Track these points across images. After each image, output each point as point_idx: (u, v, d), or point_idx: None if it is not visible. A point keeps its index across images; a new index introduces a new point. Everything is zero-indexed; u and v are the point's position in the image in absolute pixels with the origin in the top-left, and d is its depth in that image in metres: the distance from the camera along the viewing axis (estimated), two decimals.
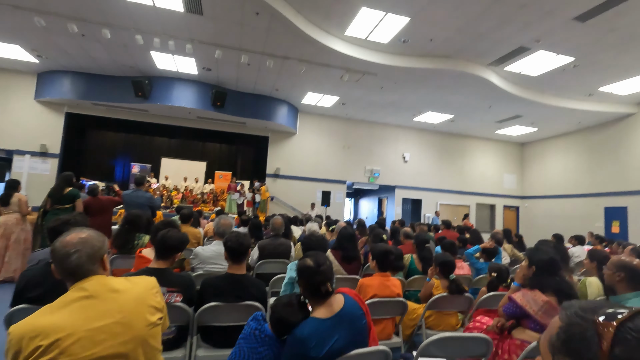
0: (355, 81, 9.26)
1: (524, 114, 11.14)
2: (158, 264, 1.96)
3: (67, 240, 1.20)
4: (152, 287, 1.32)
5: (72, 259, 1.16)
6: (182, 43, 7.64)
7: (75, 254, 1.16)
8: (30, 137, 10.10)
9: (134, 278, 1.31)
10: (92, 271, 1.19)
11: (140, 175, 4.79)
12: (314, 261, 1.44)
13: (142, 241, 3.35)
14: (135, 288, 1.24)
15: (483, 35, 7.07)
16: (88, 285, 1.15)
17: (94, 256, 1.20)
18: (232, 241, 1.99)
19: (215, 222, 2.89)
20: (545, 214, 13.62)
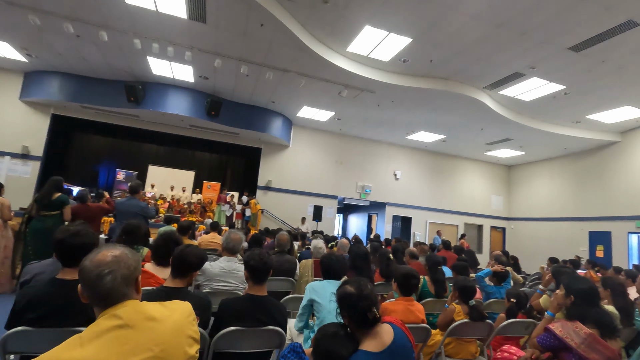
0: (352, 97, 9.29)
1: (514, 138, 11.42)
2: (174, 283, 1.80)
3: (100, 259, 1.04)
4: (188, 314, 1.17)
5: (105, 281, 1.00)
6: (182, 50, 7.52)
7: (109, 276, 1.01)
8: (11, 137, 9.65)
9: (169, 303, 1.15)
10: (127, 295, 1.04)
11: (136, 183, 4.57)
12: (356, 287, 1.33)
13: (140, 254, 3.14)
14: (172, 315, 1.09)
15: (481, 59, 7.24)
16: (122, 312, 0.99)
17: (130, 278, 1.05)
18: (255, 260, 1.85)
19: (225, 236, 2.72)
20: (531, 236, 13.85)
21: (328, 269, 2.34)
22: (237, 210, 11.58)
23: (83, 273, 1.02)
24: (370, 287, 1.36)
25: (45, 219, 4.33)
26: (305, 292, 2.21)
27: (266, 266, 1.87)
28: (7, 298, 4.19)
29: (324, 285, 2.22)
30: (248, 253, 1.92)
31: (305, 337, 2.16)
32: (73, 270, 1.68)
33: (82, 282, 1.04)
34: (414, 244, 6.14)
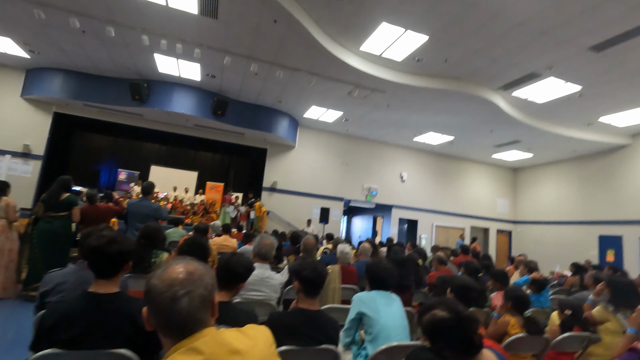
0: (362, 97, 9.13)
1: (523, 140, 11.27)
2: (220, 296, 1.60)
3: (172, 276, 0.83)
4: (270, 342, 0.97)
5: (181, 305, 0.80)
6: (191, 47, 7.32)
7: (186, 298, 0.80)
8: (12, 136, 9.40)
9: (248, 330, 0.94)
10: (205, 322, 0.83)
11: (148, 184, 4.36)
12: (449, 309, 1.13)
13: (159, 259, 2.94)
14: (256, 346, 0.88)
15: (497, 59, 7.09)
16: (202, 344, 0.78)
17: (208, 299, 0.85)
18: (308, 270, 1.65)
19: (257, 241, 2.52)
20: (537, 240, 13.70)
21: (376, 278, 2.14)
22: (242, 212, 11.36)
23: (152, 295, 0.82)
24: (462, 306, 1.16)
25: (52, 220, 4.12)
26: (353, 304, 2.02)
27: (321, 277, 1.67)
28: (13, 304, 3.96)
29: (372, 296, 2.03)
30: (299, 262, 1.72)
31: (354, 354, 1.97)
32: (108, 283, 1.48)
33: (150, 306, 0.83)
34: (433, 249, 5.96)
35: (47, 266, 4.00)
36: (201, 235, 3.86)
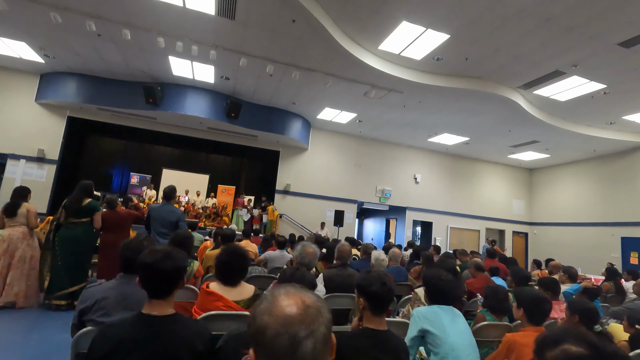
0: (378, 98, 8.97)
1: (541, 140, 11.01)
2: None
3: (286, 312, 0.65)
4: None
5: (304, 351, 0.63)
6: (206, 49, 7.22)
7: (309, 341, 0.63)
8: (27, 140, 9.39)
9: None
10: None
11: (170, 188, 4.23)
12: (585, 344, 0.91)
13: (191, 268, 2.80)
14: None
15: (520, 57, 6.88)
16: None
17: (329, 339, 0.69)
18: (376, 285, 1.48)
19: (299, 251, 2.37)
20: (555, 242, 13.38)
21: (439, 291, 1.97)
22: (255, 215, 11.24)
23: (264, 337, 0.65)
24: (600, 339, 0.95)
25: (74, 226, 4.01)
26: (413, 320, 1.85)
27: (391, 293, 1.51)
28: (35, 314, 3.85)
29: (435, 312, 1.86)
30: (363, 276, 1.56)
31: None
32: (163, 303, 1.34)
33: (260, 350, 0.67)
34: (460, 253, 5.75)
35: (69, 274, 3.91)
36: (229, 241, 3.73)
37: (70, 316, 3.87)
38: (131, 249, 1.84)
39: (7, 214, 3.90)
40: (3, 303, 3.71)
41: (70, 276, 3.90)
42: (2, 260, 3.77)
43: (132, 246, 1.85)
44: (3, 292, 3.73)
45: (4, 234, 3.88)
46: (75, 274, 3.94)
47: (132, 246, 1.85)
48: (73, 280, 3.92)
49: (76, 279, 3.95)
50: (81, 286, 4.01)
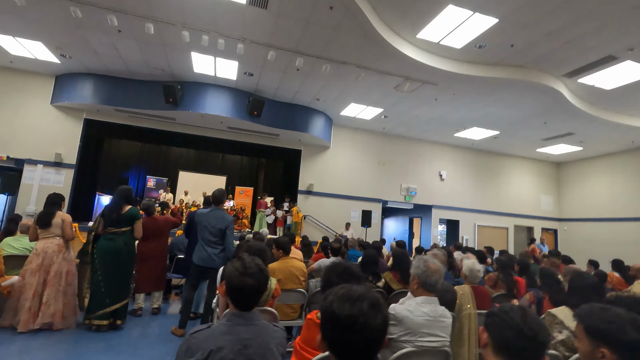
0: (410, 92, 8.51)
1: (577, 132, 10.48)
2: None
3: None
4: None
5: None
6: (233, 42, 6.81)
7: None
8: (44, 145, 9.05)
9: None
10: None
11: (220, 191, 3.81)
12: None
13: (270, 287, 2.37)
14: None
15: (573, 42, 6.37)
16: None
17: None
18: (634, 331, 1.03)
19: (418, 265, 1.92)
20: (588, 238, 12.81)
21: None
22: (278, 217, 10.84)
23: None
24: None
25: (114, 237, 3.61)
26: None
27: None
28: (73, 336, 3.45)
29: None
30: (601, 315, 1.12)
31: None
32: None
33: None
34: (522, 255, 5.29)
35: (110, 290, 3.50)
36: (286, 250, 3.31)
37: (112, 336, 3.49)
38: (250, 275, 1.41)
39: (41, 225, 3.50)
40: (40, 325, 3.31)
41: (112, 293, 3.50)
42: (37, 277, 3.37)
43: (250, 272, 1.42)
44: (39, 312, 3.34)
45: (37, 247, 3.48)
46: (117, 290, 3.53)
47: (251, 272, 1.41)
48: (115, 297, 3.52)
49: (118, 296, 3.54)
50: (124, 303, 3.61)
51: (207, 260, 3.65)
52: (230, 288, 1.38)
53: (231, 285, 1.38)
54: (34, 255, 3.45)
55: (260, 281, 1.41)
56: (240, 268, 1.41)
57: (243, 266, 1.42)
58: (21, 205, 8.72)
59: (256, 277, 1.41)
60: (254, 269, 1.43)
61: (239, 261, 1.48)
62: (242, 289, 1.37)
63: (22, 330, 3.25)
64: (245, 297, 1.39)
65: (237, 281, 1.37)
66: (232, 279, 1.38)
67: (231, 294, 1.39)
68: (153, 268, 4.22)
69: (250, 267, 1.43)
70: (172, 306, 5.03)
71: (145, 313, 4.32)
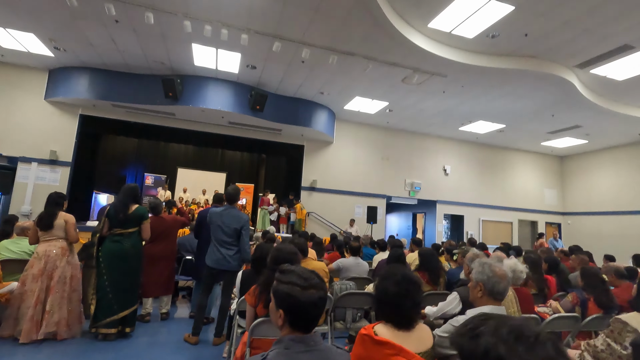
0: (417, 84, 8.27)
1: (585, 124, 10.33)
2: None
3: None
4: None
5: None
6: (237, 33, 6.51)
7: None
8: (38, 142, 8.71)
9: None
10: None
11: (233, 189, 3.56)
12: None
13: None
14: None
15: (590, 30, 6.17)
16: None
17: None
18: None
19: (484, 270, 1.70)
20: (592, 232, 12.74)
21: None
22: (281, 214, 10.60)
23: None
24: None
25: (121, 238, 3.35)
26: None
27: None
28: (79, 346, 3.20)
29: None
30: None
31: None
32: None
33: None
34: (570, 251, 5.10)
35: (118, 296, 3.26)
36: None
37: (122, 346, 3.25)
38: (314, 286, 1.17)
39: (42, 227, 3.23)
40: (43, 335, 3.05)
41: (120, 298, 3.25)
42: (39, 283, 3.10)
43: (313, 282, 1.18)
44: (42, 320, 3.08)
45: (39, 250, 3.21)
46: (125, 296, 3.28)
47: (314, 283, 1.18)
48: (123, 303, 3.27)
49: (127, 302, 3.29)
50: (133, 309, 3.36)
51: (221, 262, 3.41)
52: (294, 307, 1.15)
53: (296, 304, 1.14)
54: (35, 260, 3.18)
55: (325, 292, 1.19)
56: (299, 281, 1.18)
57: (301, 278, 1.19)
58: (16, 205, 8.39)
59: (320, 287, 1.19)
60: (315, 279, 1.20)
61: (289, 274, 1.24)
62: (313, 305, 1.14)
63: (24, 341, 2.99)
64: (312, 315, 1.16)
65: (304, 297, 1.14)
66: (295, 297, 1.14)
67: (294, 314, 1.16)
68: (161, 271, 3.97)
69: (311, 278, 1.20)
70: (180, 309, 4.79)
71: (152, 318, 4.07)
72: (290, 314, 1.15)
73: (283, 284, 1.19)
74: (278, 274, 1.26)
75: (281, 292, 1.17)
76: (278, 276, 1.25)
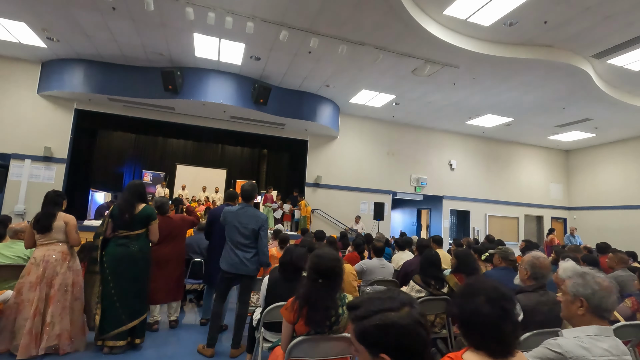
0: (428, 75, 7.98)
1: (595, 117, 10.12)
2: None
3: None
4: None
5: None
6: (243, 21, 6.17)
7: None
8: (32, 138, 8.31)
9: None
10: None
11: (251, 185, 3.25)
12: None
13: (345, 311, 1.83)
14: None
15: (612, 17, 5.90)
16: None
17: None
18: None
19: (588, 283, 1.43)
20: (598, 227, 12.58)
21: None
22: (285, 211, 10.30)
23: None
24: None
25: (127, 241, 3.03)
26: None
27: None
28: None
29: None
30: None
31: None
32: None
33: None
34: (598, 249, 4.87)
35: (126, 305, 2.95)
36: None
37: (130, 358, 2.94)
38: (407, 302, 0.88)
39: (40, 229, 2.90)
40: (44, 350, 2.74)
41: (128, 308, 2.94)
42: (37, 291, 2.78)
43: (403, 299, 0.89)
44: (43, 333, 2.76)
45: (36, 255, 2.88)
46: (134, 304, 2.98)
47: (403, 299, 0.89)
48: (132, 313, 2.96)
49: (136, 311, 2.98)
50: (142, 318, 3.06)
51: (238, 266, 3.11)
52: (402, 340, 0.85)
53: (403, 334, 0.85)
54: (32, 266, 2.85)
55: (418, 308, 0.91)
56: (386, 303, 0.89)
57: (382, 299, 0.90)
58: (8, 205, 8.01)
59: (410, 301, 0.91)
60: (398, 292, 0.92)
61: (366, 303, 0.95)
62: (418, 326, 0.86)
63: (22, 357, 2.67)
64: (423, 342, 0.87)
65: (406, 321, 0.85)
66: (397, 324, 0.85)
67: (404, 350, 0.86)
68: (169, 275, 3.65)
69: (394, 292, 0.91)
70: (188, 315, 4.49)
71: (160, 326, 3.77)
72: (398, 352, 0.85)
73: (368, 318, 0.90)
74: (352, 313, 0.96)
75: (374, 329, 0.87)
76: (355, 314, 0.95)
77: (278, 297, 2.35)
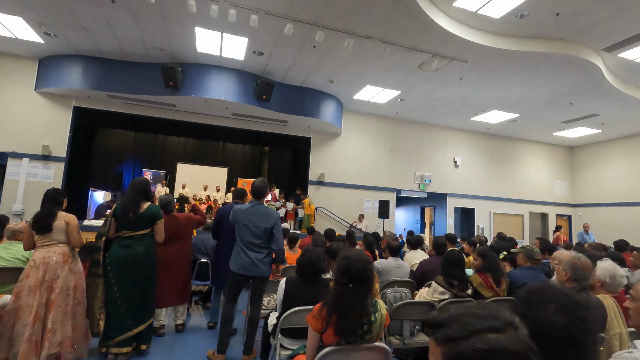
0: (434, 70, 7.81)
1: (603, 112, 9.97)
2: None
3: None
4: None
5: None
6: (246, 14, 5.98)
7: None
8: (29, 136, 8.12)
9: None
10: None
11: (262, 182, 3.08)
12: None
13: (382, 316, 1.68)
14: None
15: (626, 8, 5.74)
16: None
17: None
18: None
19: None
20: (604, 224, 12.44)
21: None
22: (289, 210, 10.13)
23: None
24: None
25: (132, 242, 2.86)
26: None
27: None
28: None
29: None
30: None
31: None
32: None
33: None
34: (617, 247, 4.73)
35: (131, 309, 2.78)
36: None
37: None
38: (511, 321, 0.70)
39: (39, 229, 2.73)
40: (45, 359, 2.56)
41: (134, 312, 2.78)
42: (37, 296, 2.61)
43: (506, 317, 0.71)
44: (43, 340, 2.58)
45: (36, 257, 2.71)
46: (140, 309, 2.81)
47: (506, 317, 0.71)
48: (138, 318, 2.80)
49: (142, 315, 2.82)
50: (148, 323, 2.89)
51: (249, 267, 2.94)
52: None
53: None
54: (31, 268, 2.68)
55: None
56: (485, 322, 0.70)
57: (481, 317, 0.72)
58: (6, 204, 7.82)
59: (513, 322, 0.72)
60: (496, 309, 0.74)
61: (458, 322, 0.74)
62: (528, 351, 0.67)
63: None
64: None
65: (514, 344, 0.67)
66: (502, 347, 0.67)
67: None
68: (176, 277, 3.48)
69: (494, 310, 0.73)
70: (194, 318, 4.33)
71: (167, 330, 3.60)
72: None
73: (464, 340, 0.70)
74: (439, 332, 0.75)
75: (475, 354, 0.68)
76: (445, 334, 0.74)
77: (296, 301, 2.19)
